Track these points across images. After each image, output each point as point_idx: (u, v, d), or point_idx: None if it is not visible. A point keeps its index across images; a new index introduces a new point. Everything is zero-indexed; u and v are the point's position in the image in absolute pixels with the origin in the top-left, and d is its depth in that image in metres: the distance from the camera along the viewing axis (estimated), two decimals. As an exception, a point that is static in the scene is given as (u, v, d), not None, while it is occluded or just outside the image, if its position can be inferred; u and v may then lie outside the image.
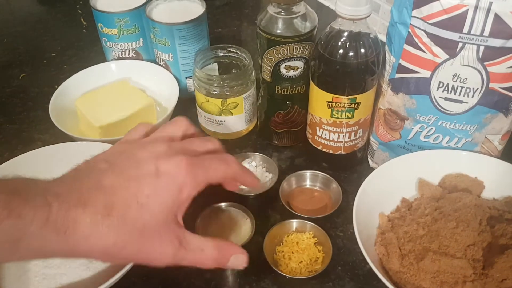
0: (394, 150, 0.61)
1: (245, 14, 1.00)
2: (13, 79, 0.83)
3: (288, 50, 0.57)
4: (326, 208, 0.59)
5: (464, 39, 0.48)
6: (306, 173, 0.62)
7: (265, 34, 0.57)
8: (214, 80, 0.63)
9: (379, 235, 0.52)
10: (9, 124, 0.74)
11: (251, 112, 0.68)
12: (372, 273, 0.46)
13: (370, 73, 0.55)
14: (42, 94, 0.78)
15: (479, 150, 0.58)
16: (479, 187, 0.57)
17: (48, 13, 1.04)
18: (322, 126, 0.60)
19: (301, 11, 0.57)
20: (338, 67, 0.54)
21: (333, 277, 0.52)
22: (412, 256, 0.49)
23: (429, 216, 0.52)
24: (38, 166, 0.59)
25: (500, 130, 0.55)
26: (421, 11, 0.49)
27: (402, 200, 0.57)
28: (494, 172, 0.56)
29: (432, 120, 0.56)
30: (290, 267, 0.52)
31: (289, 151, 0.68)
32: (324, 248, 0.53)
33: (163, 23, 0.69)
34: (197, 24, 0.70)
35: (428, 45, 0.50)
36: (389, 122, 0.59)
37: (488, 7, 0.46)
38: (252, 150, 0.66)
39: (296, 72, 0.60)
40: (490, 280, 0.46)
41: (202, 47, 0.72)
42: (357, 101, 0.56)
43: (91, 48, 0.89)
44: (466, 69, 0.50)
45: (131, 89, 0.71)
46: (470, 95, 0.52)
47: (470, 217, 0.49)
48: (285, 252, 0.53)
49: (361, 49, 0.53)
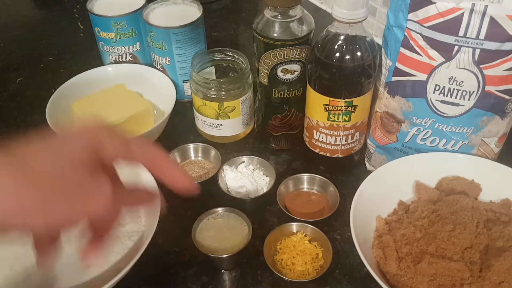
0: (391, 153, 0.61)
1: (242, 18, 1.00)
2: (10, 83, 0.83)
3: (285, 53, 0.57)
4: (324, 211, 0.59)
5: (460, 42, 0.49)
6: (304, 176, 0.62)
7: (262, 37, 0.57)
8: (211, 83, 0.63)
9: (376, 238, 0.52)
10: (5, 128, 0.74)
11: (248, 116, 0.68)
12: (370, 276, 0.46)
13: (367, 76, 0.55)
14: (39, 98, 0.78)
15: (475, 152, 0.58)
16: (476, 190, 0.57)
17: (45, 17, 1.04)
18: (319, 129, 0.60)
19: (298, 15, 0.57)
20: (334, 70, 0.54)
21: (331, 280, 0.52)
22: (409, 259, 0.49)
23: (426, 219, 0.52)
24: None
25: (496, 132, 0.55)
26: (417, 15, 0.49)
27: (399, 203, 0.57)
28: (490, 175, 0.56)
29: (428, 123, 0.56)
30: (297, 271, 0.52)
31: (286, 155, 0.68)
32: (324, 250, 0.53)
33: (160, 27, 0.69)
34: (194, 28, 0.70)
35: (424, 48, 0.51)
36: (386, 125, 0.59)
37: (484, 10, 0.46)
38: (250, 154, 0.66)
39: (293, 75, 0.60)
40: (487, 282, 0.46)
41: (199, 50, 0.72)
42: (353, 104, 0.56)
43: (88, 52, 0.89)
44: (462, 72, 0.51)
45: (128, 93, 0.71)
46: (466, 98, 0.52)
47: (467, 219, 0.49)
48: (285, 259, 0.53)
49: (357, 52, 0.53)
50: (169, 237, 0.57)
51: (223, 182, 0.62)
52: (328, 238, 0.54)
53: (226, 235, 0.54)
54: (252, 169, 0.63)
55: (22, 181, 0.29)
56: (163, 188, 0.55)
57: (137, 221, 0.55)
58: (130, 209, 0.36)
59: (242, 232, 0.55)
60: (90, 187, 0.32)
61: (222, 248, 0.53)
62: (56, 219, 0.31)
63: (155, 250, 0.55)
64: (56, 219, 0.31)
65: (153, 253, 0.54)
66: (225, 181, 0.62)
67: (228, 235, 0.54)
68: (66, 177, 0.31)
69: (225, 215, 0.57)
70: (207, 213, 0.56)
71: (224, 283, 0.53)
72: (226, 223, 0.56)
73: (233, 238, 0.54)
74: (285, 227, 0.56)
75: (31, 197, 0.29)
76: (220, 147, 0.67)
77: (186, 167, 0.65)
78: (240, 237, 0.54)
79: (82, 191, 0.31)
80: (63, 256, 0.49)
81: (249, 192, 0.61)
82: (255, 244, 0.55)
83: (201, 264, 0.54)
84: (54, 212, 0.30)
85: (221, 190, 0.60)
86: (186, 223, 0.57)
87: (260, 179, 0.62)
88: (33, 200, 0.30)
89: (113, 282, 0.45)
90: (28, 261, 0.49)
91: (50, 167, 0.31)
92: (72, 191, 0.31)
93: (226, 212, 0.57)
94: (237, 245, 0.53)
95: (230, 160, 0.64)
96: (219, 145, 0.67)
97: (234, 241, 0.53)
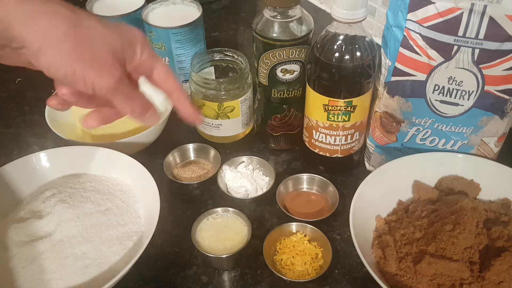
0: (391, 153, 0.61)
1: (241, 18, 1.00)
2: (9, 83, 0.83)
3: (284, 53, 0.57)
4: (323, 211, 0.59)
5: (459, 42, 0.49)
6: (303, 176, 0.62)
7: (261, 37, 0.57)
8: (211, 83, 0.63)
9: (376, 238, 0.52)
10: (5, 128, 0.74)
11: (248, 116, 0.68)
12: (369, 276, 0.46)
13: (366, 76, 0.55)
14: (39, 98, 0.78)
15: (475, 152, 0.58)
16: (475, 190, 0.57)
17: (45, 17, 1.04)
18: (318, 129, 0.60)
19: (297, 15, 0.57)
20: (334, 70, 0.54)
21: (330, 280, 0.52)
22: (409, 259, 0.49)
23: (426, 218, 0.52)
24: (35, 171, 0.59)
25: (496, 132, 0.56)
26: (416, 14, 0.49)
27: (399, 203, 0.57)
28: (490, 175, 0.56)
29: (428, 123, 0.56)
30: (297, 271, 0.52)
31: (285, 155, 0.68)
32: (324, 250, 0.53)
33: (160, 27, 0.69)
34: (194, 28, 0.70)
35: (423, 48, 0.51)
36: (385, 125, 0.59)
37: (483, 10, 0.46)
38: (249, 154, 0.66)
39: (293, 75, 0.60)
40: (487, 282, 0.46)
41: (199, 50, 0.72)
42: (353, 104, 0.56)
43: (87, 52, 0.89)
44: (462, 72, 0.51)
45: (128, 93, 0.71)
46: (465, 97, 0.52)
47: (467, 219, 0.49)
48: (285, 259, 0.53)
49: (357, 52, 0.53)
50: (169, 237, 0.57)
51: (222, 182, 0.62)
52: (328, 238, 0.54)
53: (225, 235, 0.54)
54: (252, 169, 0.63)
55: (71, 37, 0.36)
56: (163, 189, 0.55)
57: (136, 221, 0.55)
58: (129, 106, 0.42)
59: (241, 232, 0.55)
60: (105, 67, 0.37)
61: (222, 248, 0.53)
62: (74, 77, 0.37)
63: (155, 250, 0.55)
64: (74, 76, 0.37)
65: (152, 253, 0.54)
66: (225, 181, 0.62)
67: (228, 235, 0.54)
68: (99, 54, 0.37)
69: (225, 215, 0.56)
70: (206, 213, 0.56)
71: (224, 283, 0.53)
72: (226, 223, 0.56)
73: (232, 238, 0.54)
74: (284, 227, 0.56)
75: (70, 52, 0.36)
76: (220, 147, 0.67)
77: (186, 168, 0.65)
78: (240, 237, 0.54)
79: (100, 67, 0.37)
80: (62, 256, 0.49)
81: (248, 192, 0.61)
82: (254, 244, 0.55)
83: (201, 264, 0.54)
84: (77, 70, 0.36)
85: (221, 190, 0.60)
86: (185, 223, 0.57)
87: (260, 179, 0.62)
88: (70, 55, 0.36)
89: (112, 282, 0.45)
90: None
91: (97, 41, 0.37)
92: (94, 63, 0.37)
93: (225, 212, 0.57)
94: (236, 245, 0.53)
95: (230, 160, 0.64)
96: (219, 145, 0.67)
97: (233, 241, 0.53)
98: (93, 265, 0.49)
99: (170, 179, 0.62)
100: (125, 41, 0.39)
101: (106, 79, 0.38)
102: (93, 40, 0.37)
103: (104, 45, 0.37)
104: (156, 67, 0.42)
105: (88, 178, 0.59)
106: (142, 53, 0.40)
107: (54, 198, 0.54)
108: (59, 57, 0.36)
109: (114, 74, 0.38)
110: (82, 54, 0.36)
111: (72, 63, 0.36)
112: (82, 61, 0.36)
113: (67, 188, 0.56)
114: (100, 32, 0.37)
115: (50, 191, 0.56)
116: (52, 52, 0.35)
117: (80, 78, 0.37)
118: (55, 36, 0.35)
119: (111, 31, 0.38)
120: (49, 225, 0.52)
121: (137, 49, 0.40)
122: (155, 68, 0.42)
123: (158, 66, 0.42)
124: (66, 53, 0.36)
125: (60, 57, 0.36)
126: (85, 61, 0.36)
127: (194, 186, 0.63)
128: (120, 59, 0.39)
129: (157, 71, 0.43)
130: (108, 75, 0.38)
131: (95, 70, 0.37)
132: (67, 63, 0.36)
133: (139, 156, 0.59)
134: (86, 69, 0.37)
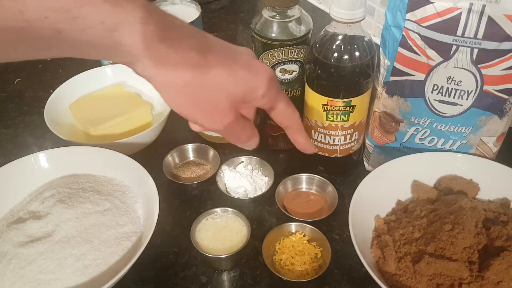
0: (390, 153, 0.61)
1: (240, 18, 1.00)
2: (8, 83, 0.83)
3: (283, 53, 0.57)
4: (322, 211, 0.59)
5: (458, 42, 0.49)
6: (302, 176, 0.62)
7: (260, 37, 0.57)
8: (210, 84, 0.63)
9: (375, 238, 0.52)
10: (4, 128, 0.74)
11: (247, 116, 0.67)
12: (369, 276, 0.46)
13: (365, 76, 0.55)
14: (37, 99, 0.78)
15: (474, 152, 0.58)
16: (474, 189, 0.57)
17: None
18: (317, 129, 0.60)
19: (296, 15, 0.57)
20: (333, 70, 0.54)
21: (330, 280, 0.52)
22: (408, 258, 0.49)
23: (425, 218, 0.52)
24: (34, 171, 0.59)
25: (495, 132, 0.56)
26: (415, 14, 0.49)
27: (398, 203, 0.57)
28: (489, 174, 0.56)
29: (427, 123, 0.56)
30: (296, 271, 0.52)
31: (284, 155, 0.68)
32: (323, 250, 0.53)
33: (158, 27, 0.69)
34: (192, 28, 0.70)
35: (422, 48, 0.51)
36: (384, 125, 0.59)
37: (482, 10, 0.46)
38: (248, 154, 0.66)
39: (291, 75, 0.60)
40: (486, 282, 0.46)
41: (198, 51, 0.72)
42: (352, 104, 0.56)
43: (86, 52, 0.89)
44: (460, 72, 0.51)
45: (127, 93, 0.71)
46: (464, 97, 0.52)
47: (466, 219, 0.49)
48: (284, 259, 0.53)
49: (355, 52, 0.53)
50: (168, 238, 0.57)
51: (221, 182, 0.62)
52: (327, 238, 0.54)
53: (224, 235, 0.54)
54: (251, 169, 0.63)
55: (192, 86, 0.36)
56: (162, 189, 0.55)
57: (135, 221, 0.55)
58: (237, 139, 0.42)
59: (240, 232, 0.55)
60: (218, 114, 0.38)
61: (221, 248, 0.53)
62: (187, 116, 0.38)
63: (154, 251, 0.55)
64: (187, 116, 0.38)
65: (152, 254, 0.54)
66: (224, 181, 0.62)
67: (227, 235, 0.54)
68: (215, 103, 0.37)
69: (224, 215, 0.56)
70: (205, 213, 0.56)
71: (223, 284, 0.53)
72: (225, 223, 0.56)
73: (231, 238, 0.54)
74: (284, 227, 0.56)
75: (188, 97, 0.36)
76: (219, 147, 0.67)
77: (185, 168, 0.65)
78: (239, 237, 0.54)
79: (212, 114, 0.38)
80: (62, 256, 0.49)
81: (247, 192, 0.61)
82: (254, 244, 0.55)
83: (200, 265, 0.54)
84: (190, 113, 0.38)
85: (220, 190, 0.60)
86: (185, 224, 0.57)
87: (259, 179, 0.62)
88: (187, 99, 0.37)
89: (112, 282, 0.45)
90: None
91: (216, 91, 0.37)
92: (207, 110, 0.37)
93: (224, 213, 0.57)
94: (236, 245, 0.53)
95: (229, 160, 0.64)
96: (218, 145, 0.67)
97: (232, 241, 0.53)
98: (92, 266, 0.49)
99: (169, 179, 0.62)
100: (248, 89, 0.38)
101: (215, 125, 0.38)
102: (213, 89, 0.36)
103: (223, 95, 0.37)
104: (276, 107, 0.41)
105: (87, 178, 0.59)
106: (263, 98, 0.39)
107: (53, 198, 0.54)
108: (176, 99, 0.37)
109: (224, 121, 0.38)
110: (197, 101, 0.37)
111: (186, 106, 0.37)
112: (197, 108, 0.37)
113: (66, 188, 0.56)
114: (224, 82, 0.37)
115: (49, 192, 0.56)
116: (172, 92, 0.36)
117: (192, 119, 0.38)
118: (178, 83, 0.35)
119: (236, 79, 0.37)
120: (48, 226, 0.52)
121: (258, 95, 0.38)
122: (276, 107, 0.41)
123: (279, 105, 0.41)
124: (184, 97, 0.36)
125: (177, 99, 0.36)
126: (199, 107, 0.37)
127: (193, 186, 0.63)
128: (237, 106, 0.38)
129: (276, 110, 0.42)
130: (219, 123, 0.38)
131: (207, 116, 0.38)
132: (182, 105, 0.37)
133: (138, 156, 0.59)
134: (199, 114, 0.38)
